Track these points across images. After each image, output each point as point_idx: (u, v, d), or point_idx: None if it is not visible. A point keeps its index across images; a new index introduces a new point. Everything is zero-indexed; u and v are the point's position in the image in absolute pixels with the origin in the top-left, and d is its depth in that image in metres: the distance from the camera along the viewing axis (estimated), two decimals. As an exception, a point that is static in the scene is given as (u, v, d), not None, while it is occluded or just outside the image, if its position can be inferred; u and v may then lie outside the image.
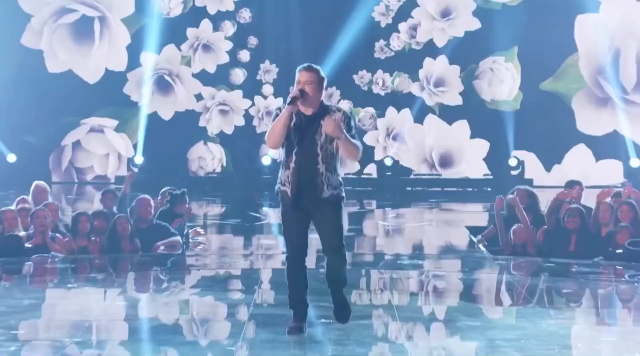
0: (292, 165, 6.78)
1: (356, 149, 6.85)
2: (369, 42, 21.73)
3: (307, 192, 6.78)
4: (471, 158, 21.50)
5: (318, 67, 6.95)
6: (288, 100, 6.79)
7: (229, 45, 22.05)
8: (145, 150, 21.22)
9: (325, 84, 6.96)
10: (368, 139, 21.59)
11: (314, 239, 7.04)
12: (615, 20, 21.23)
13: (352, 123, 6.92)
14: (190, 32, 22.00)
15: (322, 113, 6.83)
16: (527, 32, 21.10)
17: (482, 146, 21.49)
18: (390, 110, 21.84)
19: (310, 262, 7.43)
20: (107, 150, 21.82)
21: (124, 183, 12.11)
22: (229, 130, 22.00)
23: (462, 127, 21.56)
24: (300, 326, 6.89)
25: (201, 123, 21.95)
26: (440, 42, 21.70)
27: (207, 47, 22.03)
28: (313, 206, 6.80)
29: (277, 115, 6.87)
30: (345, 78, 21.53)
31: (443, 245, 12.68)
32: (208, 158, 21.90)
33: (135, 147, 21.51)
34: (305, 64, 7.00)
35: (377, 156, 21.53)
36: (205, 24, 22.02)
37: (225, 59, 22.07)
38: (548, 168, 21.12)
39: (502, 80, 21.59)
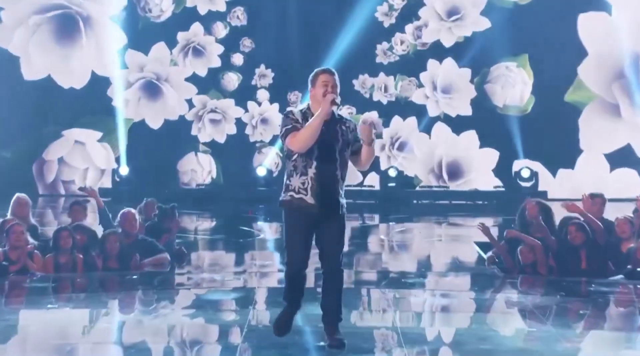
0: (311, 170, 6.90)
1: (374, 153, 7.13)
2: (371, 44, 21.78)
3: (326, 199, 6.91)
4: (481, 169, 21.51)
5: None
6: (335, 105, 6.91)
7: (222, 48, 22.09)
8: (132, 161, 21.21)
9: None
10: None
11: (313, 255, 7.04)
12: (627, 20, 21.21)
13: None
14: (181, 34, 22.04)
15: (335, 120, 7.03)
16: (539, 34, 21.13)
17: (493, 156, 21.51)
18: (394, 117, 21.88)
19: (309, 280, 7.42)
20: (90, 164, 21.81)
21: (96, 200, 12.09)
22: (220, 139, 22.01)
23: (471, 135, 21.59)
24: (287, 321, 7.13)
25: (192, 132, 21.96)
26: (447, 44, 21.76)
27: (198, 51, 22.06)
28: (326, 214, 6.92)
29: (292, 119, 6.94)
30: (345, 83, 21.57)
31: (451, 262, 12.66)
32: (199, 169, 21.90)
33: (118, 159, 21.51)
34: (325, 67, 7.20)
35: (381, 166, 21.53)
36: (196, 26, 22.05)
37: (217, 62, 22.10)
38: (561, 181, 21.17)
39: (514, 86, 21.64)
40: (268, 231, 15.75)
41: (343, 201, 7.00)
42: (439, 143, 21.68)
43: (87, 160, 21.79)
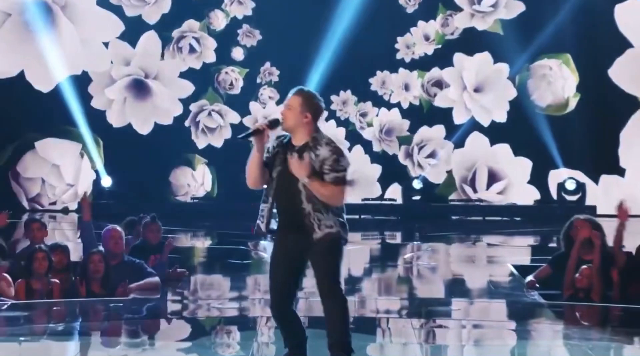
0: (268, 200, 7.17)
1: (329, 196, 7.06)
2: (391, 36, 21.80)
3: (294, 234, 7.10)
4: (519, 181, 21.49)
5: (308, 91, 7.21)
6: (262, 132, 7.08)
7: (221, 41, 22.12)
8: (116, 171, 21.24)
9: (314, 110, 7.14)
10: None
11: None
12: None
13: (342, 164, 7.10)
14: (174, 24, 22.06)
15: (307, 146, 7.11)
16: (583, 26, 21.15)
17: (533, 166, 21.47)
18: (419, 121, 21.90)
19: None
20: (69, 181, 21.84)
21: (82, 211, 12.14)
22: (218, 145, 22.03)
23: (508, 142, 21.56)
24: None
25: (186, 138, 21.98)
26: (480, 35, 21.76)
27: (194, 43, 22.07)
28: (305, 248, 7.09)
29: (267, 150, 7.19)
30: (361, 81, 21.64)
31: (484, 288, 12.64)
32: (193, 182, 21.92)
33: (97, 172, 21.54)
34: (296, 87, 7.26)
35: (403, 177, 21.52)
36: (192, 15, 22.08)
37: (215, 57, 22.12)
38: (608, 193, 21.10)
39: (557, 84, 21.63)
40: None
41: (330, 230, 7.04)
42: (472, 150, 21.66)
43: (65, 178, 21.76)
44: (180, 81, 22.01)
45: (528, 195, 21.36)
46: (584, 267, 10.59)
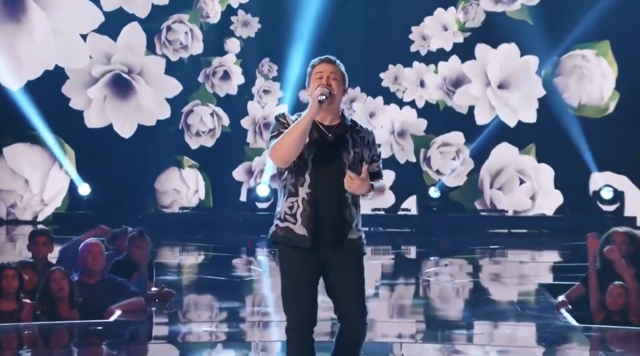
0: (303, 190, 6.71)
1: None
2: (405, 26, 21.83)
3: (327, 231, 6.72)
4: (549, 189, 21.49)
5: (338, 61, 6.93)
6: (321, 98, 6.65)
7: (215, 32, 22.16)
8: (95, 179, 21.25)
9: (347, 84, 6.93)
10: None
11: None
12: None
13: (379, 149, 6.95)
14: (162, 14, 22.11)
15: (346, 125, 6.82)
16: (625, 10, 21.17)
17: (564, 171, 21.48)
18: (436, 121, 21.93)
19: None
20: (42, 187, 21.89)
21: (87, 233, 12.12)
22: (212, 150, 22.06)
23: (535, 145, 21.58)
24: None
25: (174, 142, 22.00)
26: (504, 24, 21.78)
27: (184, 36, 22.10)
28: (332, 251, 6.73)
29: (282, 124, 6.82)
30: (372, 76, 21.66)
31: (510, 309, 12.65)
32: (183, 189, 21.94)
33: (72, 180, 21.59)
34: (324, 56, 6.93)
35: (419, 186, 21.55)
36: (182, 4, 22.14)
37: (209, 51, 22.16)
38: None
39: (592, 79, 21.62)
40: (271, 267, 15.76)
41: (360, 233, 6.80)
42: (495, 154, 21.67)
43: (33, 189, 21.78)
44: (167, 78, 22.01)
45: (558, 202, 21.38)
46: (612, 285, 10.54)
